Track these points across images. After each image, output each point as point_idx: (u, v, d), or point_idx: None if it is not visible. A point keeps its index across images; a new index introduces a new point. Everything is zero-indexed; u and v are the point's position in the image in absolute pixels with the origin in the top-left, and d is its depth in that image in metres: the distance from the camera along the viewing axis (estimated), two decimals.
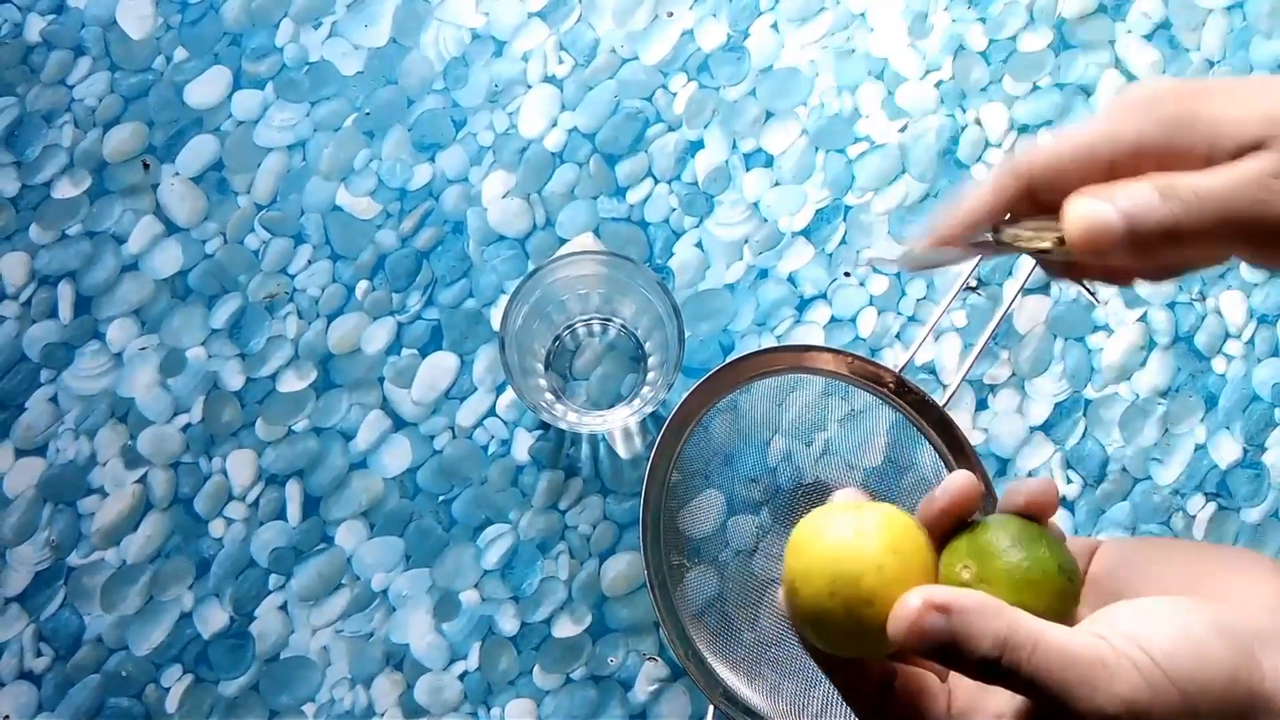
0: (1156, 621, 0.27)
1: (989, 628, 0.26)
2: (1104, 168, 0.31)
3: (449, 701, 0.53)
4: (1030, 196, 0.32)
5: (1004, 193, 0.32)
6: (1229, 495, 0.55)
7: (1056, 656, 0.26)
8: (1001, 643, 0.26)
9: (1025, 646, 0.26)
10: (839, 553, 0.29)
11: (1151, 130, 0.30)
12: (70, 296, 0.56)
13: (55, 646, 0.53)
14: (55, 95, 0.58)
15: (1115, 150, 0.31)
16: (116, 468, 0.55)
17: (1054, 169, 0.31)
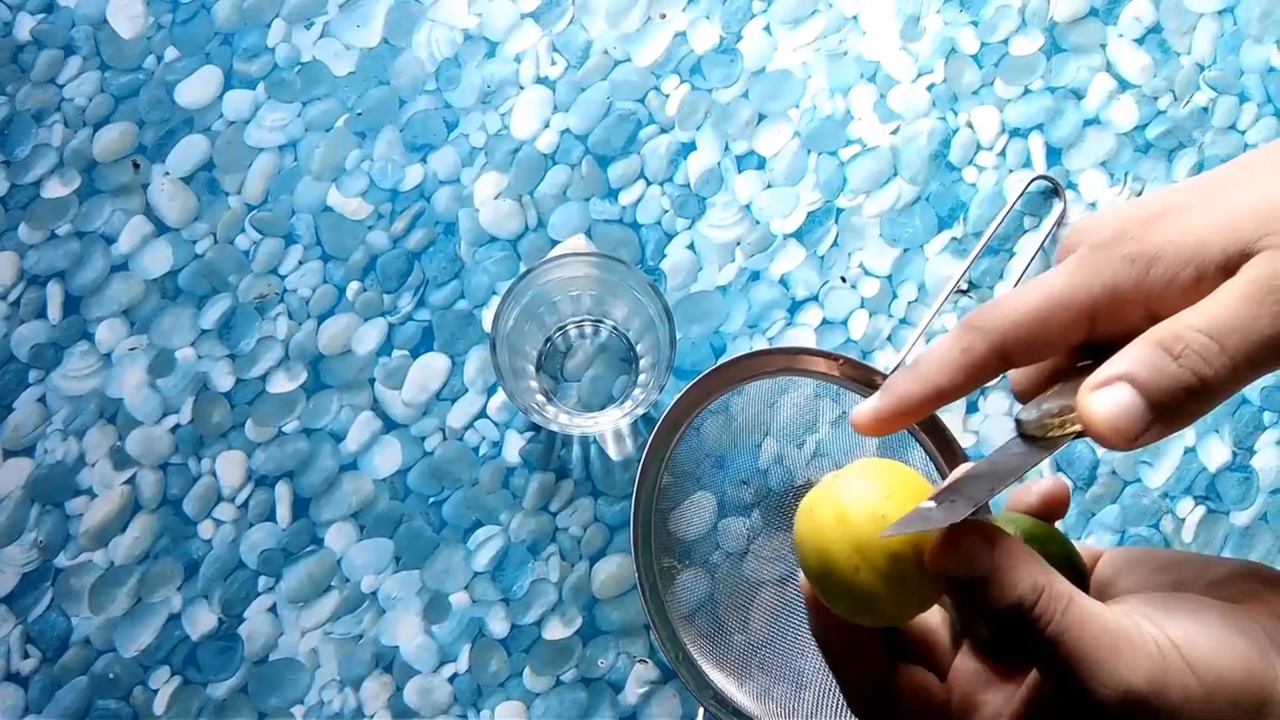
0: (1176, 611, 0.26)
1: (1030, 572, 0.26)
2: (1085, 321, 0.28)
3: (439, 704, 0.53)
4: (1004, 360, 0.28)
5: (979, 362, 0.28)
6: (1218, 498, 0.56)
7: (1089, 619, 0.25)
8: (1040, 590, 0.25)
9: (1061, 599, 0.25)
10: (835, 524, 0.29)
11: (1125, 272, 0.27)
12: (59, 296, 0.56)
13: (42, 648, 0.53)
14: (45, 94, 0.58)
15: (1093, 301, 0.28)
16: (105, 468, 0.54)
17: (1028, 330, 0.28)
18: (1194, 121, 0.59)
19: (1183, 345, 0.25)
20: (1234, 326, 0.25)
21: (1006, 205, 0.57)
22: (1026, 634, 0.26)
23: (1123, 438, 0.25)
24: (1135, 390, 0.25)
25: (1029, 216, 0.58)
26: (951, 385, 0.28)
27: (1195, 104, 0.59)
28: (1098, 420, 0.25)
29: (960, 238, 0.57)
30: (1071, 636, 0.25)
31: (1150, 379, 0.25)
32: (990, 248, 0.57)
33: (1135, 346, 0.26)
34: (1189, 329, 0.25)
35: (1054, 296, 0.28)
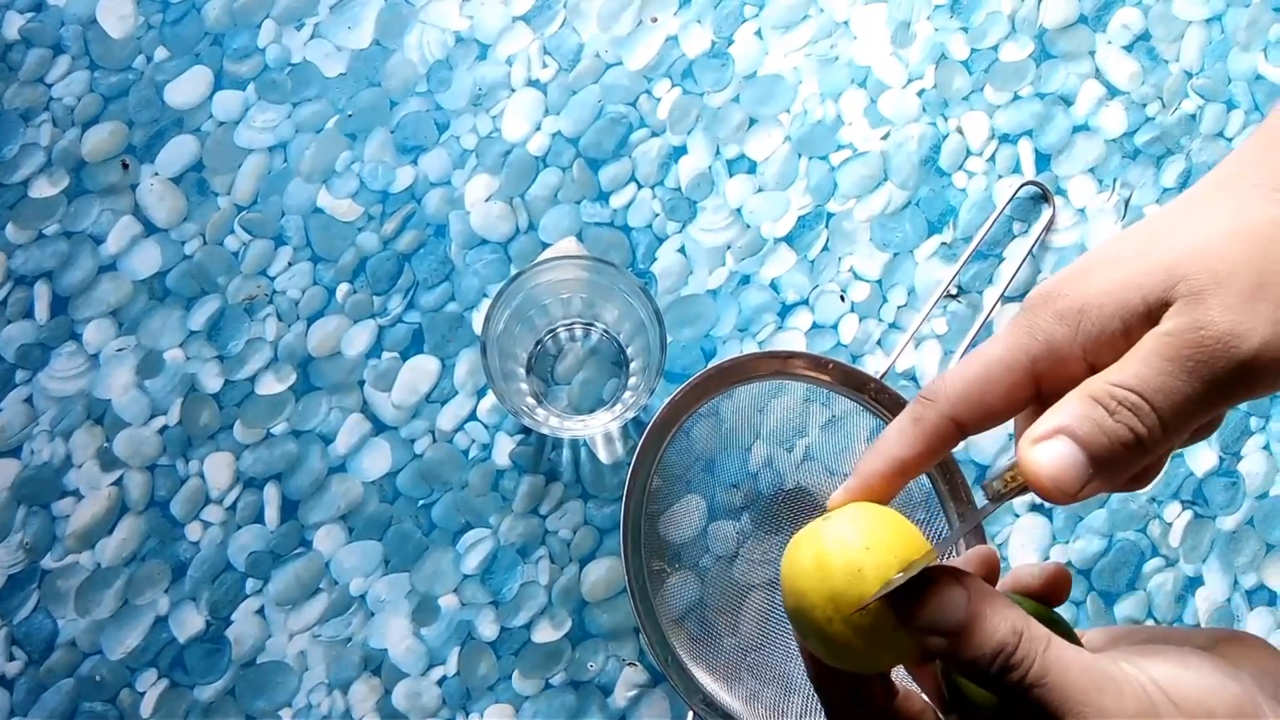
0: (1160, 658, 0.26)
1: (1008, 616, 0.26)
2: (1028, 381, 0.28)
3: (427, 707, 0.53)
4: (958, 427, 0.29)
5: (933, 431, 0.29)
6: (1205, 503, 0.56)
7: (1071, 659, 0.25)
8: (1019, 632, 0.26)
9: (1040, 640, 0.26)
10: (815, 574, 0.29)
11: (1057, 329, 0.28)
12: (47, 297, 0.56)
13: (28, 650, 0.53)
14: (33, 93, 0.57)
15: (1031, 360, 0.28)
16: (92, 470, 0.54)
17: (974, 396, 0.28)
18: (1182, 128, 0.59)
19: (1116, 402, 0.26)
20: (1157, 386, 0.25)
21: (996, 210, 0.57)
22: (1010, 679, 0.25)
23: (1064, 492, 0.26)
24: (1075, 444, 0.26)
25: (1018, 222, 0.58)
26: (911, 455, 0.29)
27: (1183, 111, 0.59)
28: (1041, 475, 0.26)
29: (950, 243, 0.57)
30: (1055, 677, 0.25)
31: (1090, 434, 0.26)
32: (979, 253, 0.57)
33: (1071, 400, 0.26)
34: (1120, 386, 0.26)
35: (993, 362, 0.28)
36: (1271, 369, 0.25)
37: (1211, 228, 0.26)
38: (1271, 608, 0.55)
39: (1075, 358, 0.27)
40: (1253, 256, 0.25)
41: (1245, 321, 0.25)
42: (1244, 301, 0.25)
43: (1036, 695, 0.25)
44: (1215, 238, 0.26)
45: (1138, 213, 0.58)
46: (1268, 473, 0.56)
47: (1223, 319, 0.25)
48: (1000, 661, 0.26)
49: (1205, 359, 0.25)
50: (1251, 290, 0.25)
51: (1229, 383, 0.25)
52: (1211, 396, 0.25)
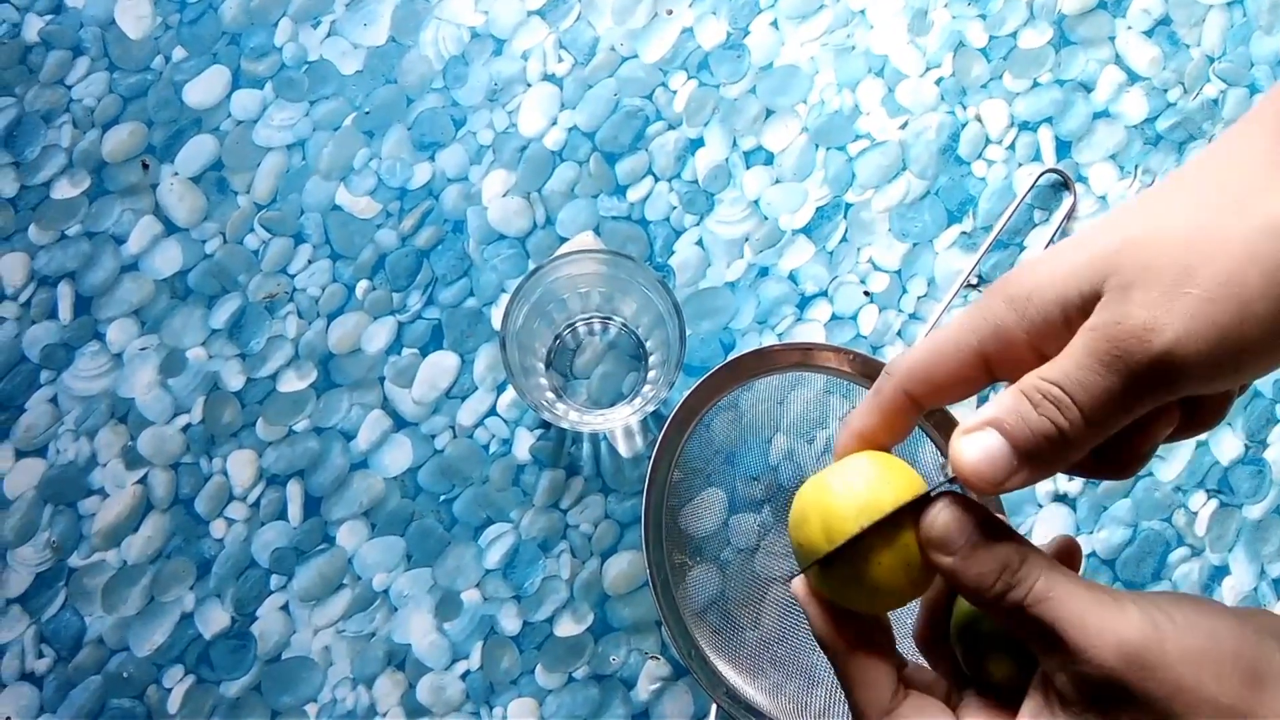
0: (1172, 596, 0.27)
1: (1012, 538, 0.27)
2: (977, 361, 0.29)
3: (451, 701, 0.53)
4: (913, 401, 0.30)
5: (888, 404, 0.30)
6: (1231, 492, 0.55)
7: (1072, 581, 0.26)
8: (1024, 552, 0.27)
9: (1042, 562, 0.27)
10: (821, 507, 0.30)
11: (1006, 313, 0.28)
12: (70, 297, 0.56)
13: (56, 648, 0.53)
14: (54, 95, 0.58)
15: (981, 341, 0.28)
16: (117, 468, 0.55)
17: (926, 373, 0.29)
18: (1204, 114, 0.58)
19: (1040, 395, 0.26)
20: (1078, 380, 0.26)
21: (1016, 199, 0.56)
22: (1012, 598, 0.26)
23: (988, 482, 0.27)
24: (1002, 436, 0.27)
25: (1039, 210, 0.57)
26: (867, 426, 0.30)
27: (1205, 96, 0.59)
28: (964, 465, 0.27)
29: (970, 232, 0.57)
30: (1057, 594, 0.26)
31: (1016, 426, 0.26)
32: (1000, 242, 0.57)
33: (1004, 394, 0.27)
34: (1045, 380, 0.26)
35: (944, 341, 0.29)
36: (1191, 364, 0.25)
37: (1151, 221, 0.26)
38: None
39: (1021, 343, 0.28)
40: (1181, 249, 0.25)
41: (1162, 316, 0.25)
42: (1164, 295, 0.25)
43: (1038, 612, 0.26)
44: (1151, 230, 0.26)
45: None
46: None
47: (1140, 313, 0.25)
48: (1004, 579, 0.26)
49: (1121, 353, 0.25)
50: (1174, 283, 0.25)
51: (1147, 377, 0.25)
52: (1132, 391, 0.25)
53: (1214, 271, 0.25)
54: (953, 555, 0.27)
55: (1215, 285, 0.24)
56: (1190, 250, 0.25)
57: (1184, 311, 0.25)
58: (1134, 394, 0.25)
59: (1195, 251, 0.25)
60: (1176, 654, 0.25)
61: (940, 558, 0.28)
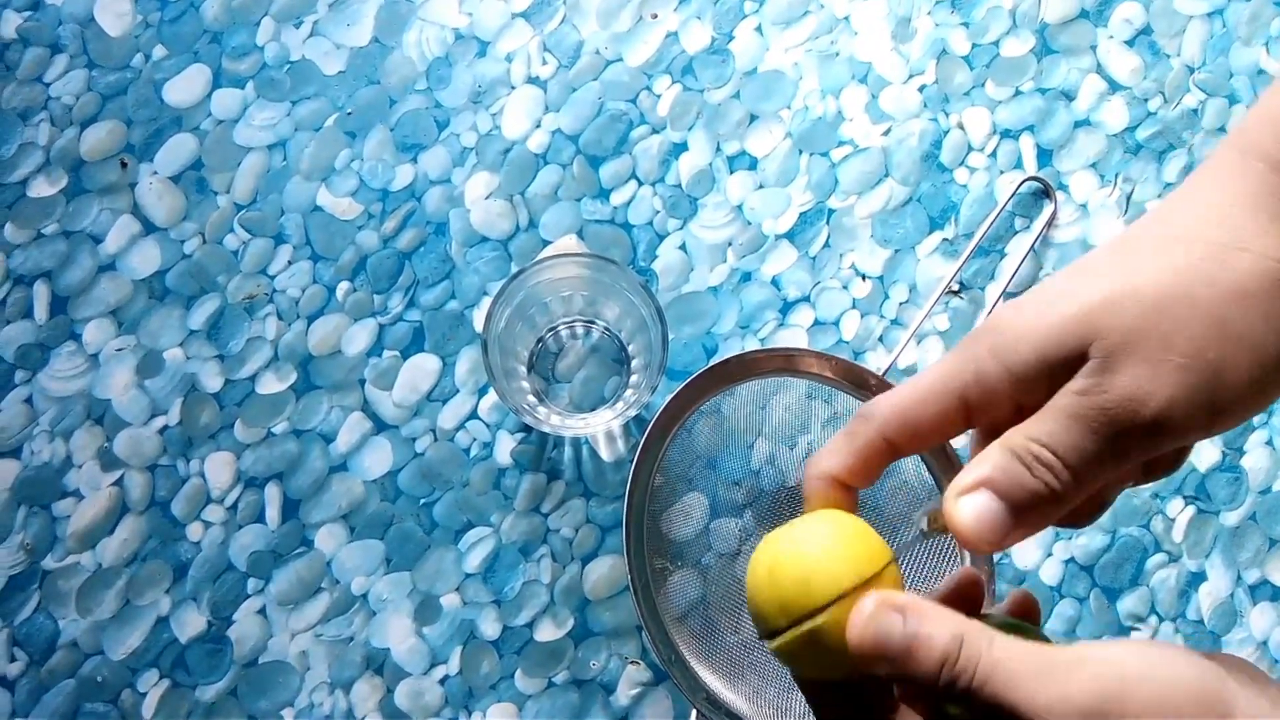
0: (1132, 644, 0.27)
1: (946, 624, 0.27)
2: (958, 409, 0.29)
3: (430, 706, 0.53)
4: (891, 446, 0.30)
5: (864, 448, 0.30)
6: (1208, 499, 0.56)
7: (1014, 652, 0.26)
8: (959, 638, 0.26)
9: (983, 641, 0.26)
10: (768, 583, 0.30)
11: (989, 363, 0.28)
12: (46, 297, 0.55)
13: (29, 651, 0.53)
14: (31, 93, 0.57)
15: (962, 390, 0.29)
16: (93, 470, 0.54)
17: (905, 418, 0.29)
18: (1184, 123, 0.59)
19: (1033, 458, 0.27)
20: (1069, 444, 0.27)
21: (998, 206, 0.57)
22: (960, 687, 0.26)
23: (986, 542, 0.27)
24: (995, 498, 0.27)
25: (1020, 217, 0.58)
26: (842, 468, 0.30)
27: (1185, 106, 0.59)
28: (964, 527, 0.27)
29: (952, 239, 0.57)
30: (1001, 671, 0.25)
31: (1009, 487, 0.27)
32: (981, 249, 0.57)
33: (993, 451, 0.28)
34: (1036, 443, 0.27)
35: (925, 388, 0.29)
36: (1173, 427, 0.26)
37: (1128, 281, 0.27)
38: (1274, 603, 0.55)
39: (1003, 392, 0.28)
40: (1158, 316, 0.26)
41: (1147, 385, 0.26)
42: (1149, 364, 0.26)
43: (988, 695, 0.26)
44: (1128, 292, 0.27)
45: (1139, 208, 0.58)
46: (1271, 468, 0.56)
47: (1127, 384, 0.26)
48: (946, 672, 0.26)
49: (1109, 421, 0.26)
50: (1156, 351, 0.26)
51: (1134, 442, 0.26)
52: (1118, 454, 0.27)
53: (1188, 340, 0.26)
54: (889, 664, 0.27)
55: (1191, 354, 0.26)
56: (1165, 317, 0.26)
57: (1166, 381, 0.26)
58: (1120, 457, 0.27)
59: (1170, 318, 0.26)
60: (1138, 706, 0.25)
61: (877, 667, 0.28)
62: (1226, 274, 0.27)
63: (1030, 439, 0.27)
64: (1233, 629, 0.55)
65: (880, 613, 0.27)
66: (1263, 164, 0.28)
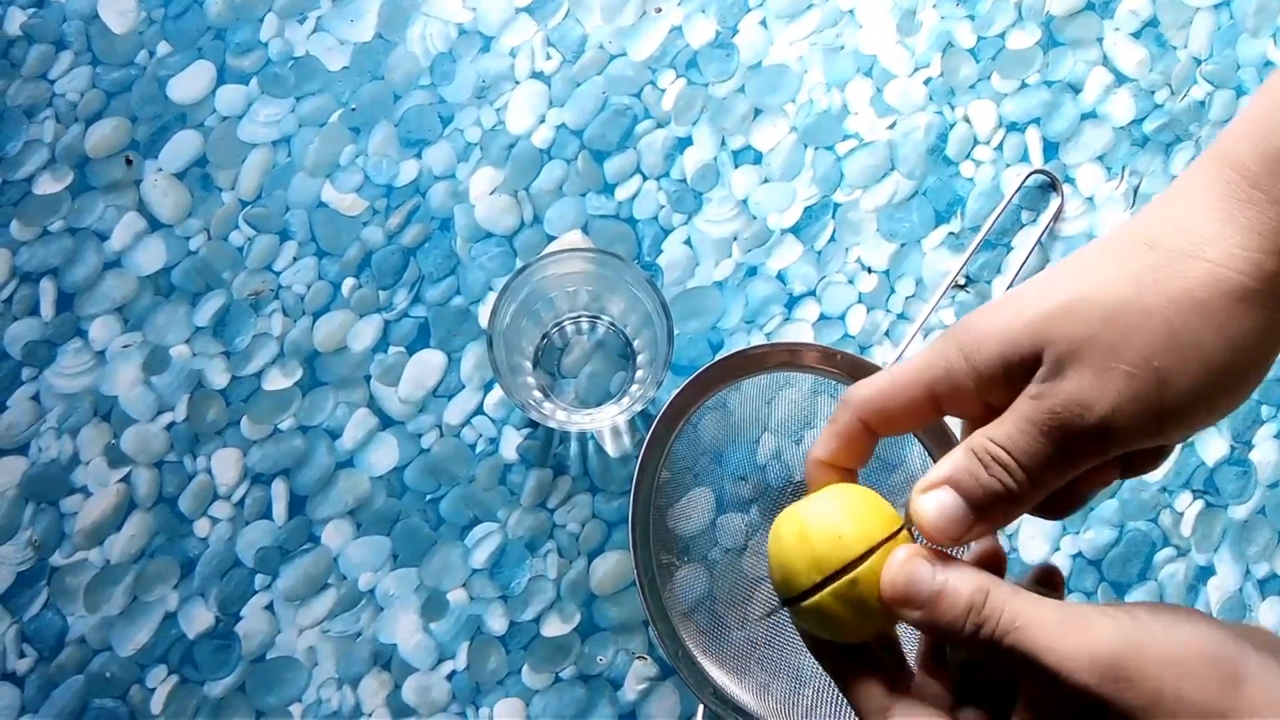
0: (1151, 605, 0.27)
1: (973, 576, 0.28)
2: (927, 401, 0.31)
3: (437, 701, 0.53)
4: (868, 430, 0.32)
5: (844, 431, 0.32)
6: (1216, 492, 0.56)
7: (1037, 604, 0.27)
8: (985, 589, 0.27)
9: (1006, 592, 0.27)
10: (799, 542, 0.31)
11: (957, 360, 0.30)
12: (52, 294, 0.56)
13: (38, 647, 0.53)
14: (36, 90, 0.57)
15: (931, 383, 0.30)
16: (100, 467, 0.54)
17: (881, 404, 0.31)
18: (1191, 115, 0.59)
19: (990, 458, 0.28)
20: (1022, 446, 0.28)
21: (1004, 200, 0.57)
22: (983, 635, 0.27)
23: (947, 536, 0.29)
24: (956, 495, 0.29)
25: (1026, 211, 0.57)
26: (826, 452, 0.32)
27: (1192, 98, 0.59)
28: (926, 522, 0.29)
29: (958, 232, 0.57)
30: (1024, 621, 0.26)
31: (969, 485, 0.29)
32: (987, 242, 0.57)
33: (957, 452, 0.30)
34: (994, 444, 0.28)
35: (898, 377, 0.31)
36: (1120, 432, 0.27)
37: (1082, 289, 0.28)
38: None
39: (968, 388, 0.30)
40: (1104, 325, 0.27)
41: (1091, 392, 0.27)
42: (1094, 371, 0.27)
43: (1010, 643, 0.27)
44: (1080, 299, 0.28)
45: (1146, 201, 0.58)
46: (1279, 461, 0.56)
47: (1072, 390, 0.27)
48: (971, 619, 0.27)
49: (1058, 425, 0.27)
50: (1104, 358, 0.27)
51: (1082, 445, 0.27)
52: (1069, 456, 0.28)
53: (1136, 348, 0.27)
54: (919, 609, 0.28)
55: (1138, 362, 0.27)
56: (1115, 325, 0.27)
57: (1112, 387, 0.27)
58: (1070, 459, 0.28)
59: (1120, 326, 0.27)
60: (1152, 662, 0.25)
61: (907, 613, 0.29)
62: (1179, 282, 0.27)
63: (989, 439, 0.29)
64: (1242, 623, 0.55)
65: (912, 560, 0.29)
66: (1235, 173, 0.28)
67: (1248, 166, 0.28)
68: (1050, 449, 0.28)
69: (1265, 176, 0.27)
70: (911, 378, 0.31)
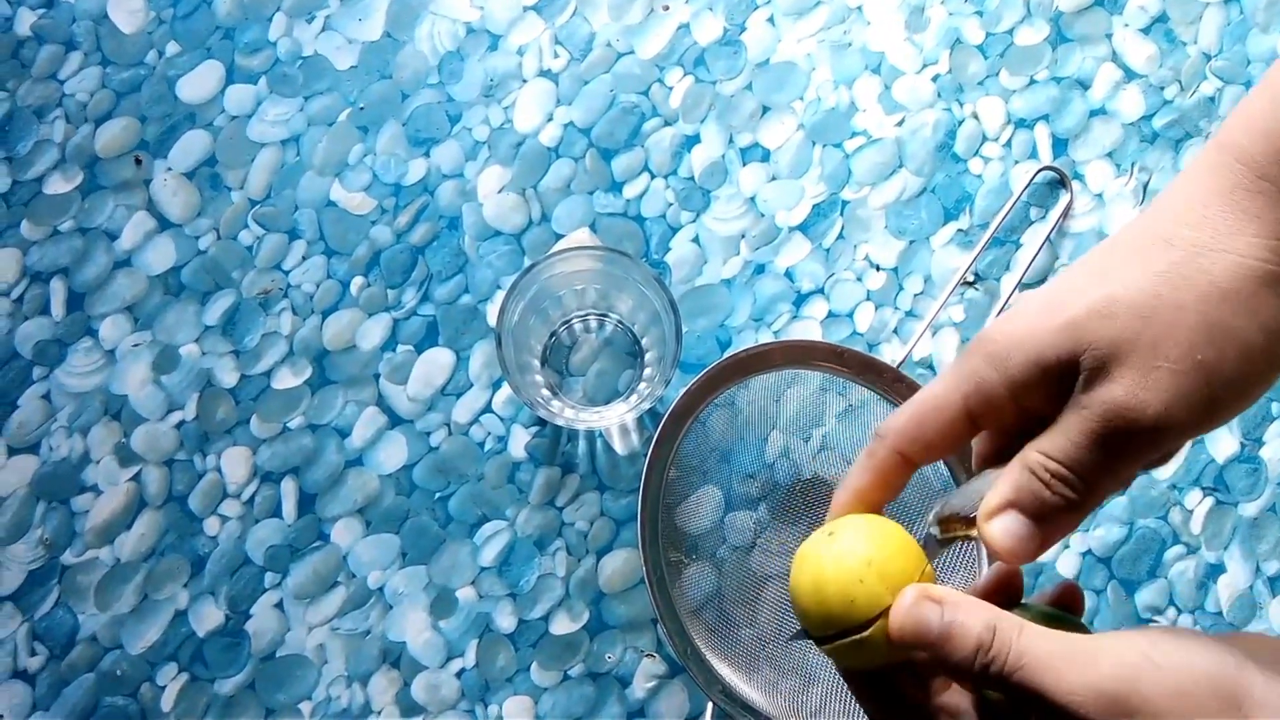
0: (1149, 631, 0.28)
1: (979, 614, 0.28)
2: (963, 419, 0.31)
3: (446, 699, 0.53)
4: (906, 460, 0.32)
5: (882, 465, 0.32)
6: (1226, 490, 0.55)
7: (1042, 645, 0.27)
8: (992, 627, 0.28)
9: (1013, 629, 0.28)
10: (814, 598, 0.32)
11: (987, 371, 0.30)
12: (62, 293, 0.56)
13: (49, 645, 0.53)
14: (46, 90, 0.57)
15: (965, 397, 0.30)
16: (110, 465, 0.54)
17: (914, 434, 0.32)
18: (1200, 111, 0.58)
19: (1049, 475, 0.29)
20: (1080, 460, 0.28)
21: (1013, 196, 0.56)
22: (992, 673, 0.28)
23: (1021, 559, 0.29)
24: (1022, 517, 0.29)
25: (1035, 208, 0.57)
26: (867, 486, 0.32)
27: (1202, 94, 0.58)
28: (1001, 549, 0.29)
29: (966, 229, 0.57)
30: (1030, 658, 0.27)
31: (1034, 506, 0.29)
32: (996, 239, 0.57)
33: (1013, 471, 0.30)
34: (1052, 460, 0.29)
35: (930, 401, 0.31)
36: (1175, 429, 0.27)
37: (1112, 287, 0.29)
38: None
39: (1003, 397, 0.30)
40: (1144, 324, 0.28)
41: (1142, 394, 0.27)
42: (1140, 371, 0.27)
43: (1019, 680, 0.27)
44: (1113, 299, 0.28)
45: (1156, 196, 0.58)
46: None
47: (1122, 395, 0.27)
48: (980, 659, 0.28)
49: (1112, 433, 0.28)
50: (1147, 358, 0.27)
51: (1139, 448, 0.28)
52: (1126, 460, 0.28)
53: (1177, 344, 0.27)
54: (929, 648, 0.29)
55: (1181, 358, 0.27)
56: (1152, 324, 0.28)
57: (1160, 387, 0.27)
58: (1128, 464, 0.28)
59: (1157, 324, 0.28)
60: (1156, 694, 0.26)
61: (917, 654, 0.30)
62: (1204, 276, 0.28)
63: (1044, 455, 0.29)
64: (1252, 621, 0.54)
65: (919, 604, 0.29)
66: (1241, 164, 0.28)
67: (1254, 157, 0.28)
68: (1107, 457, 0.28)
69: (1273, 166, 0.28)
70: (944, 399, 0.31)
